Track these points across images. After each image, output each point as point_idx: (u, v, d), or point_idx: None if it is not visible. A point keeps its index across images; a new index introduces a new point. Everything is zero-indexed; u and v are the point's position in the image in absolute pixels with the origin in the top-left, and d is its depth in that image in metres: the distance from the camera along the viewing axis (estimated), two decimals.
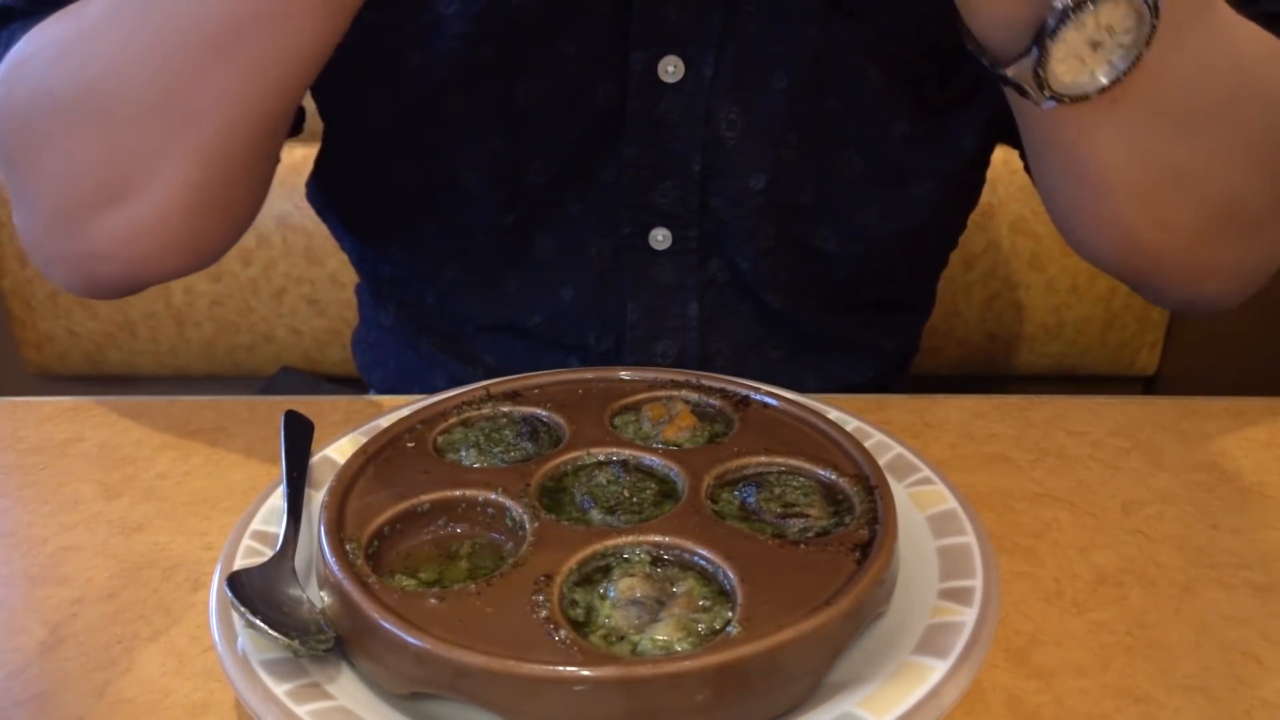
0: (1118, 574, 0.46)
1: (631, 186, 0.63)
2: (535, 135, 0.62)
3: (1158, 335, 1.24)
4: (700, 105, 0.61)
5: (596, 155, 0.63)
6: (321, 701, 0.34)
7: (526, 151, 0.62)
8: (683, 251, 0.65)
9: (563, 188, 0.64)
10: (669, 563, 0.39)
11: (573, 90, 0.60)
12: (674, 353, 0.68)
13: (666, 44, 0.59)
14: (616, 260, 0.66)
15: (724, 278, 0.67)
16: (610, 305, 0.67)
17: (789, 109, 0.61)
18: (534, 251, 0.67)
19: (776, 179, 0.62)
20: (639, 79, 0.60)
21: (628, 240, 0.65)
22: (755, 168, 0.62)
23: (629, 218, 0.64)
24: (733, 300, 0.68)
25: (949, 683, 0.34)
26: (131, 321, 1.25)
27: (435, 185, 0.65)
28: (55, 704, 0.39)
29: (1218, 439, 0.58)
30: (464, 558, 0.41)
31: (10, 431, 0.60)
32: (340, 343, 1.24)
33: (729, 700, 0.33)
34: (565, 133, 0.62)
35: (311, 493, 0.46)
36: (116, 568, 0.47)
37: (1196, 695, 0.39)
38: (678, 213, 0.64)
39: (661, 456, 0.45)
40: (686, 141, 0.62)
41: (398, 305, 0.75)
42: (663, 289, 0.66)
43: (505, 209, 0.64)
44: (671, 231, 0.65)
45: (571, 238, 0.66)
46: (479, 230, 0.66)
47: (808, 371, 0.72)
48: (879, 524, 0.40)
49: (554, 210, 0.65)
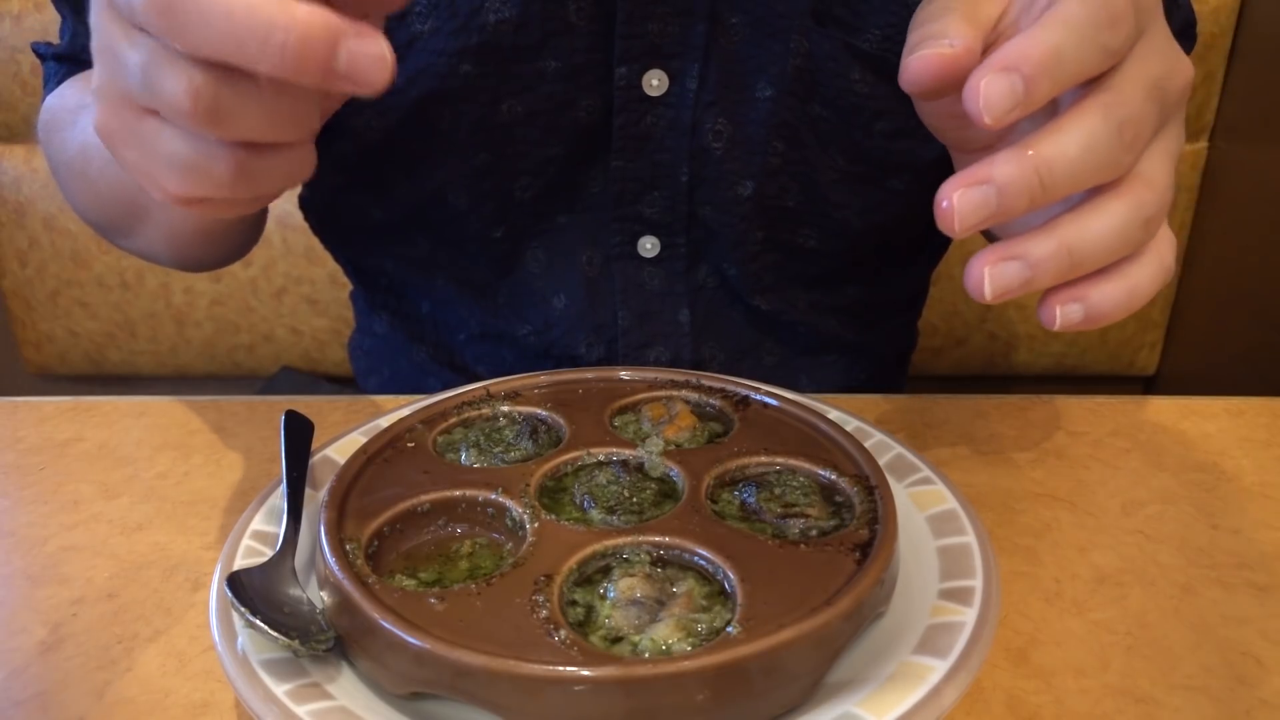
0: (1118, 574, 0.46)
1: (619, 198, 0.63)
2: (521, 151, 0.62)
3: (1158, 335, 1.24)
4: (686, 117, 0.61)
5: (583, 170, 0.63)
6: (321, 701, 0.34)
7: (513, 168, 0.62)
8: (672, 259, 0.65)
9: (551, 200, 0.64)
10: (669, 563, 0.39)
11: (556, 106, 0.60)
12: (666, 360, 0.68)
13: (650, 58, 0.59)
14: (607, 268, 0.66)
15: (714, 283, 0.67)
16: (601, 313, 0.67)
17: (774, 117, 0.61)
18: (524, 262, 0.67)
19: (763, 185, 0.63)
20: (624, 94, 0.60)
21: (617, 249, 0.65)
22: (743, 175, 0.62)
23: (617, 228, 0.64)
24: (724, 306, 0.68)
25: (949, 683, 0.34)
26: (131, 321, 1.25)
27: (424, 201, 0.65)
28: (55, 704, 0.39)
29: (1218, 439, 0.58)
30: (464, 558, 0.41)
31: (10, 431, 0.60)
32: (340, 343, 1.24)
33: (729, 700, 0.33)
34: (551, 149, 0.62)
35: (311, 493, 0.46)
36: (116, 568, 0.47)
37: (1196, 695, 0.39)
38: (666, 221, 0.64)
39: (661, 457, 0.45)
40: (673, 153, 0.62)
41: (391, 314, 0.76)
42: (653, 296, 0.66)
43: (494, 223, 0.65)
44: (660, 240, 0.65)
45: (561, 248, 0.66)
46: (469, 243, 0.66)
47: (802, 375, 0.72)
48: (879, 524, 0.40)
49: (543, 222, 0.65)
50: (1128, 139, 0.38)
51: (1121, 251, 0.39)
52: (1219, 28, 1.08)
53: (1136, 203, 0.39)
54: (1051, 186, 0.37)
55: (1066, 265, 0.38)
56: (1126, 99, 0.38)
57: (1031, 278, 0.38)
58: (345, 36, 0.32)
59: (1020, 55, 0.35)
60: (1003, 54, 0.36)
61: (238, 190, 0.37)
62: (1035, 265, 0.38)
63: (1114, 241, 0.39)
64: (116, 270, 1.23)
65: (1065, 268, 0.38)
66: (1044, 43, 0.36)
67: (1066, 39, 0.36)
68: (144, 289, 1.23)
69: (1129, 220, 0.39)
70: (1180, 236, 1.18)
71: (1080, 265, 0.39)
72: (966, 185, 0.36)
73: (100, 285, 1.24)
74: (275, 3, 0.32)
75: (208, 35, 0.32)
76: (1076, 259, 0.38)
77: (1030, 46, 0.35)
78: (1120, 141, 0.38)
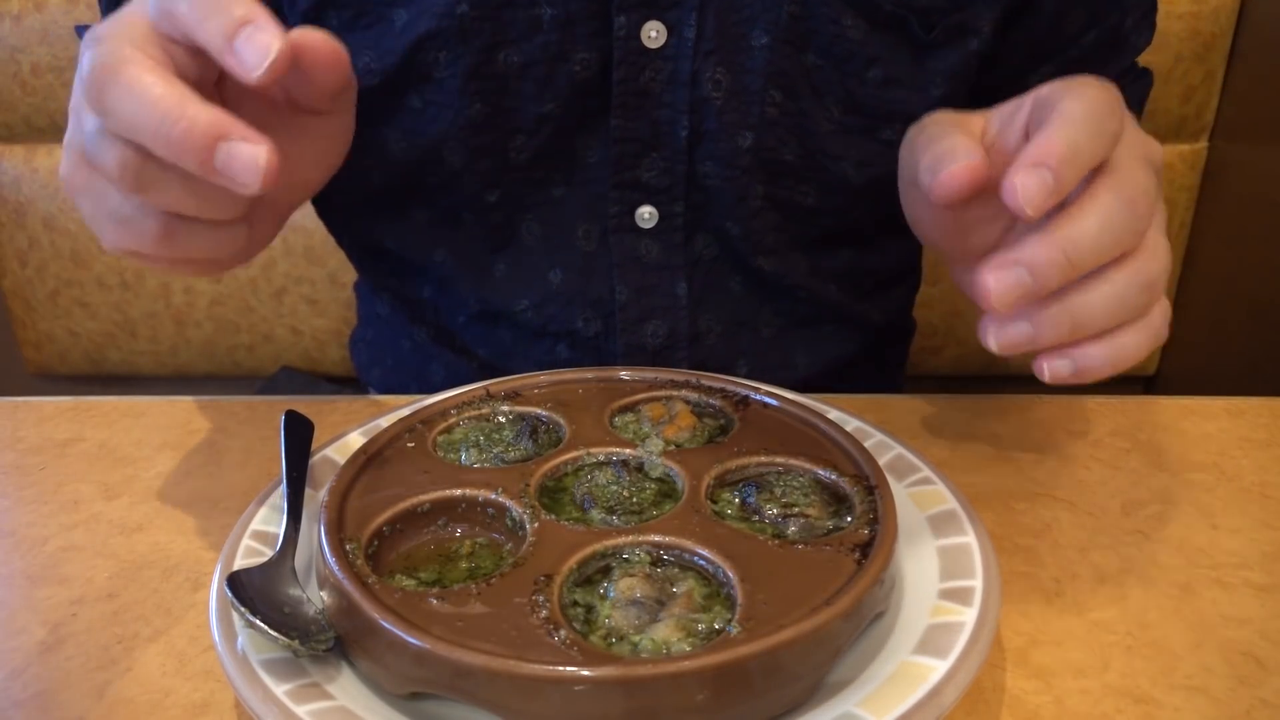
0: (1118, 574, 0.46)
1: (618, 162, 0.64)
2: (516, 106, 0.63)
3: None
4: (685, 69, 0.61)
5: (579, 134, 0.64)
6: (321, 701, 0.34)
7: (508, 123, 0.63)
8: (669, 229, 0.66)
9: (548, 169, 0.65)
10: (669, 563, 0.39)
11: (552, 57, 0.61)
12: (664, 333, 0.69)
13: (648, 9, 0.60)
14: (604, 242, 0.67)
15: (711, 254, 0.68)
16: (598, 288, 0.68)
17: (771, 66, 0.62)
18: (520, 236, 0.68)
19: (762, 137, 0.64)
20: (623, 45, 0.61)
21: (615, 220, 0.66)
22: (742, 126, 0.63)
23: (616, 196, 0.65)
24: (721, 276, 0.69)
25: (949, 683, 0.34)
26: (131, 321, 1.25)
27: (421, 160, 0.65)
28: (55, 704, 0.39)
29: (1218, 439, 0.58)
30: (464, 558, 0.41)
31: (10, 431, 0.60)
32: (340, 342, 1.24)
33: (729, 700, 0.33)
34: (546, 104, 0.63)
35: (311, 493, 0.46)
36: (116, 568, 0.47)
37: (1196, 695, 0.39)
38: (664, 186, 0.65)
39: (661, 457, 0.45)
40: (672, 108, 0.63)
41: (393, 296, 0.77)
42: (650, 268, 0.67)
43: (489, 186, 0.65)
44: (658, 209, 0.66)
45: (558, 221, 0.67)
46: (465, 209, 0.67)
47: (799, 350, 0.73)
48: (879, 524, 0.40)
49: (539, 193, 0.66)
50: (1141, 211, 0.43)
51: (1121, 318, 0.44)
52: (1219, 28, 1.08)
53: (1139, 271, 0.44)
54: (1079, 262, 0.42)
55: (1068, 329, 0.43)
56: (1131, 177, 0.43)
57: (1035, 337, 0.43)
58: (228, 139, 0.38)
59: (1045, 152, 0.40)
60: (1030, 154, 0.41)
61: (162, 250, 0.44)
62: (1039, 325, 0.43)
63: (1116, 309, 0.44)
64: (116, 270, 1.23)
65: (1066, 331, 0.43)
66: (1062, 139, 0.41)
67: (1078, 133, 0.41)
68: (144, 289, 1.23)
69: (1131, 288, 0.44)
70: (1180, 236, 1.18)
71: (1081, 329, 0.44)
72: (1002, 268, 0.41)
73: (100, 285, 1.24)
74: (177, 100, 0.38)
75: (124, 120, 0.39)
76: (1078, 323, 0.43)
77: (1052, 144, 0.41)
78: (1134, 214, 0.43)
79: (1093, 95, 0.44)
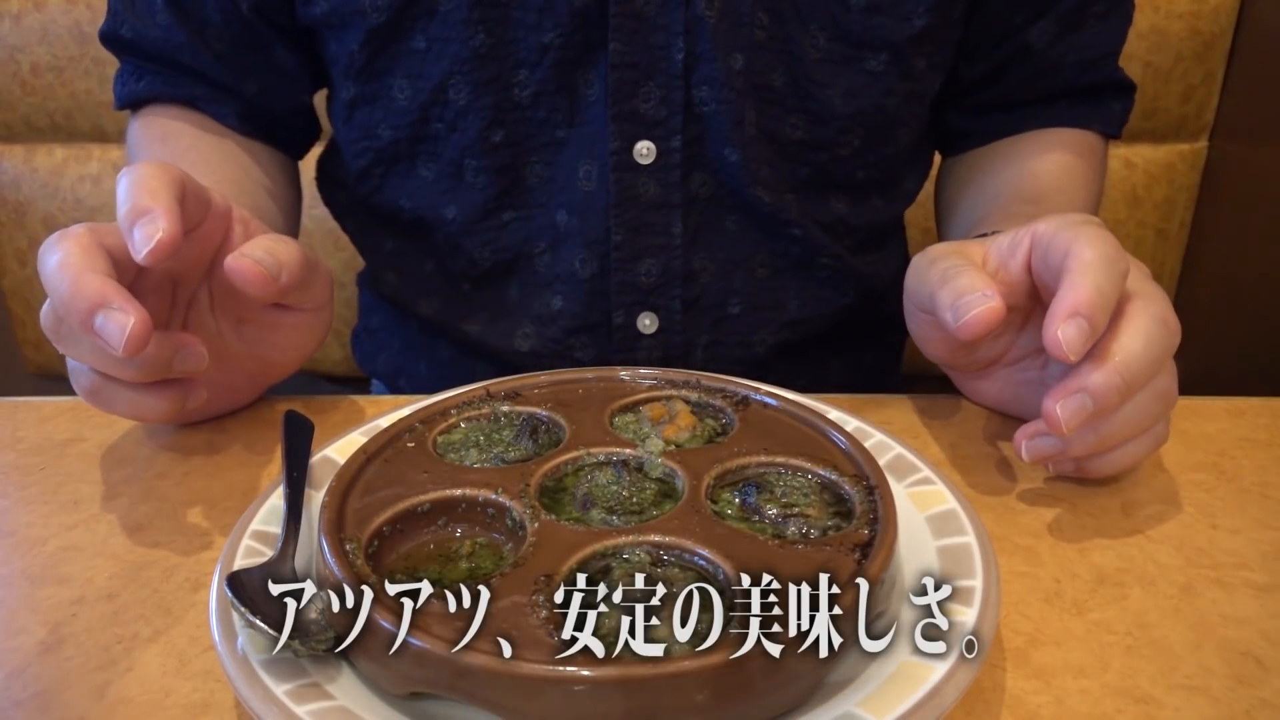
0: (1118, 574, 0.46)
1: (616, 92, 0.65)
2: (518, 36, 0.64)
3: None
4: None
5: (579, 69, 0.66)
6: (321, 701, 0.34)
7: (510, 56, 0.65)
8: (667, 166, 0.67)
9: (550, 109, 0.67)
10: (669, 563, 0.39)
11: None
12: (657, 271, 0.70)
13: None
14: (603, 180, 0.68)
15: (707, 193, 0.69)
16: (595, 228, 0.69)
17: None
18: (525, 180, 0.69)
19: (751, 60, 0.65)
20: None
21: (614, 158, 0.67)
22: (734, 47, 0.65)
23: (615, 130, 0.66)
24: (716, 216, 0.70)
25: (949, 683, 0.34)
26: None
27: (427, 104, 0.67)
28: (55, 704, 0.39)
29: (1218, 439, 0.58)
30: (464, 558, 0.41)
31: (10, 431, 0.60)
32: (340, 342, 1.24)
33: (729, 700, 0.33)
34: (546, 34, 0.64)
35: (311, 493, 0.46)
36: (116, 568, 0.47)
37: (1196, 695, 0.39)
38: (661, 118, 0.66)
39: (661, 457, 0.45)
40: (668, 30, 0.64)
41: (398, 274, 0.78)
42: (647, 206, 0.68)
43: (494, 125, 0.67)
44: (655, 144, 0.67)
45: (561, 162, 0.68)
46: (470, 156, 0.68)
47: (792, 288, 0.74)
48: (879, 524, 0.40)
49: (543, 134, 0.68)
50: (1172, 326, 0.49)
51: (1141, 430, 0.49)
52: (1219, 28, 1.08)
53: (1158, 386, 0.49)
54: (1132, 381, 0.47)
55: (1095, 442, 0.49)
56: (1152, 298, 0.49)
57: (1065, 450, 0.49)
58: (104, 308, 0.44)
59: (1077, 302, 0.45)
60: (1065, 306, 0.45)
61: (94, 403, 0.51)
62: (1070, 440, 0.48)
63: (1137, 422, 0.49)
64: None
65: (1094, 444, 0.49)
66: (1088, 287, 0.46)
67: (1099, 277, 0.46)
68: None
69: (1154, 403, 0.49)
70: (1180, 236, 1.18)
71: (1106, 442, 0.49)
72: (1066, 395, 0.46)
73: None
74: (78, 271, 0.45)
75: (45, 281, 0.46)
76: (1104, 436, 0.49)
77: (1081, 294, 0.45)
78: (1166, 330, 0.48)
79: (1099, 237, 0.48)
